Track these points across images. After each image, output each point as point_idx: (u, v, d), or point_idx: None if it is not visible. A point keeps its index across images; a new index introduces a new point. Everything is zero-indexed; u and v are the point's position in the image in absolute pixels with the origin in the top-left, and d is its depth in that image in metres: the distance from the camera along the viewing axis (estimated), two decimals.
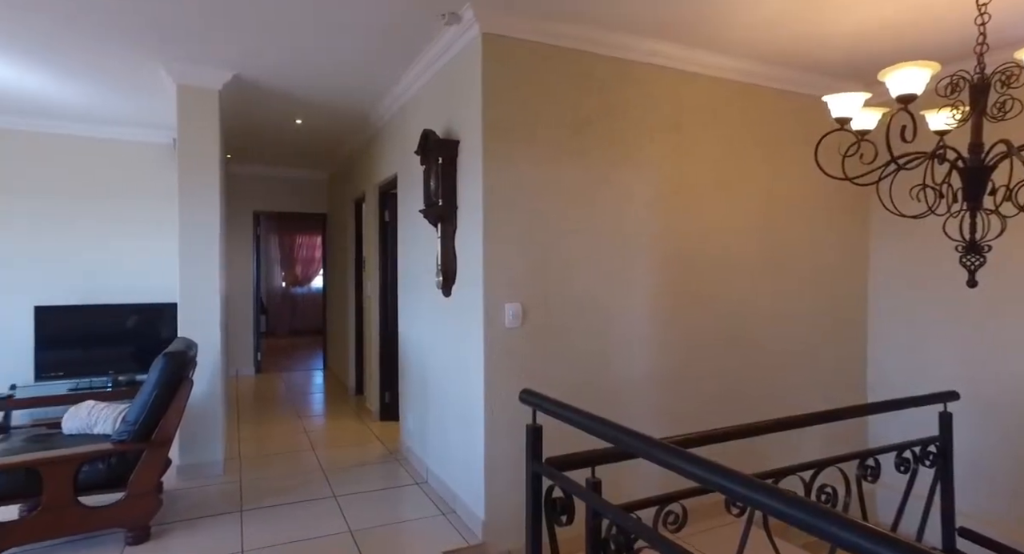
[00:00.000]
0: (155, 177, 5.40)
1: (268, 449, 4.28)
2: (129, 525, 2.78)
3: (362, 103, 4.43)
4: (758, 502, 0.92)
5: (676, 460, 1.06)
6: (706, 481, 1.00)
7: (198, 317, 3.72)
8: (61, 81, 3.93)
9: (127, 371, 4.96)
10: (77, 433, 3.07)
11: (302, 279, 11.77)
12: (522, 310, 2.84)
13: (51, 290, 5.03)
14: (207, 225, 3.74)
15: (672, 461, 1.07)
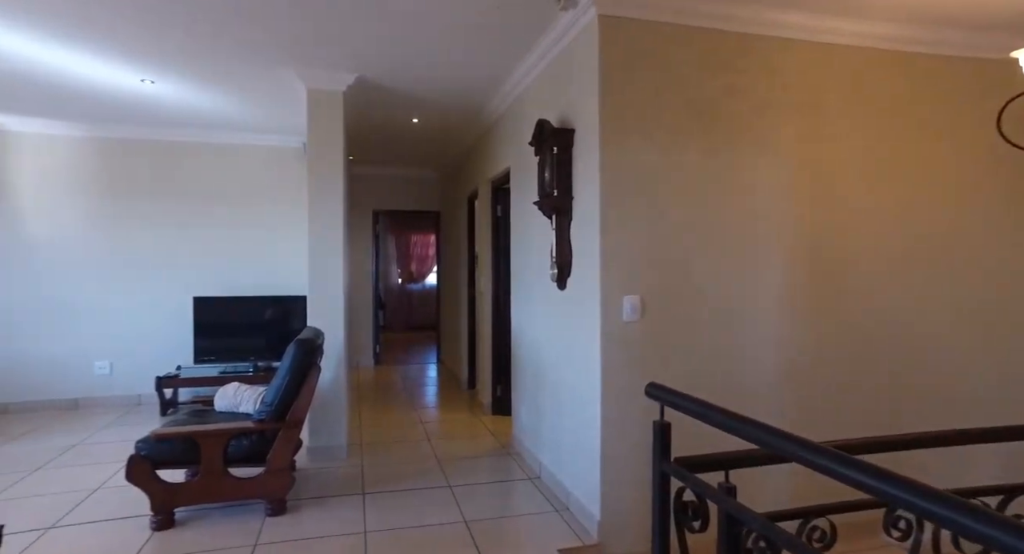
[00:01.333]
0: (288, 179, 5.85)
1: (387, 437, 4.46)
2: (268, 497, 2.99)
3: (476, 98, 4.49)
4: (977, 532, 0.75)
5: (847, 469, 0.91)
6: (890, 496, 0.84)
7: (324, 309, 3.95)
8: (212, 95, 4.36)
9: (265, 358, 5.42)
10: (226, 411, 3.37)
11: (417, 276, 12.28)
12: (641, 303, 2.71)
13: (206, 283, 5.60)
14: (332, 222, 3.96)
15: (841, 469, 0.92)
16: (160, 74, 3.92)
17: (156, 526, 2.84)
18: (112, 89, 4.24)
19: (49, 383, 5.26)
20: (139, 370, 5.43)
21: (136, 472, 2.83)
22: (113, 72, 3.87)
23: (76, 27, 3.17)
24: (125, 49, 3.49)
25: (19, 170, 5.21)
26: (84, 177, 5.36)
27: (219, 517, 2.99)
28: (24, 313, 5.21)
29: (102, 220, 5.40)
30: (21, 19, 3.07)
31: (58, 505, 3.14)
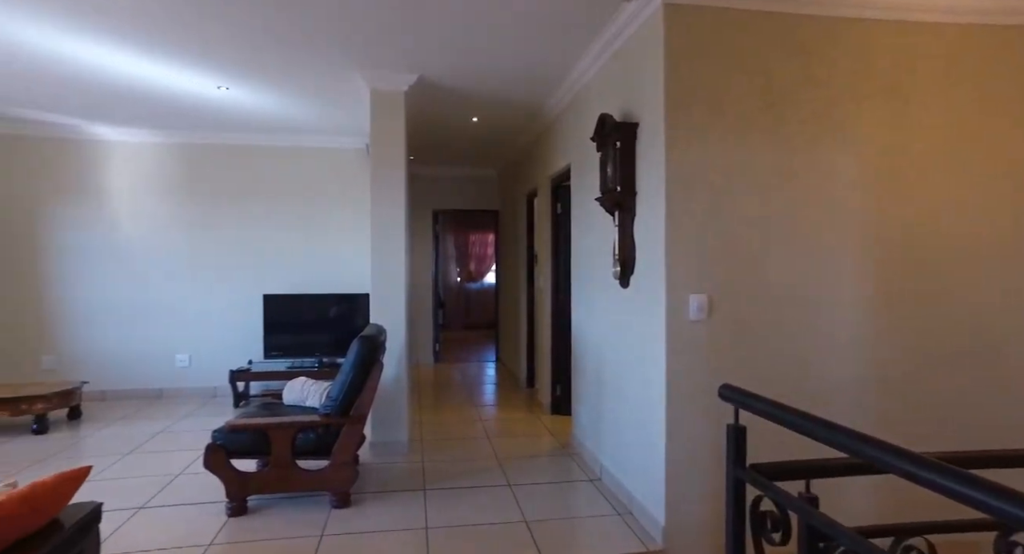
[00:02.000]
0: (352, 180, 6.00)
1: (446, 434, 4.50)
2: (333, 490, 3.07)
3: (536, 95, 4.46)
4: None
5: (961, 484, 0.82)
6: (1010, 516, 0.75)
7: (387, 307, 4.01)
8: (281, 99, 4.53)
9: (329, 354, 5.58)
10: (294, 404, 3.49)
11: (475, 275, 12.38)
12: (708, 302, 2.60)
13: (276, 281, 5.84)
14: (394, 222, 4.02)
15: (953, 485, 0.83)
16: (234, 80, 4.10)
17: (231, 512, 2.96)
18: (192, 97, 4.47)
19: (138, 374, 5.62)
20: (215, 363, 5.72)
21: (212, 460, 2.96)
22: (193, 80, 4.08)
23: (165, 41, 3.35)
24: (205, 58, 3.66)
25: (115, 176, 5.59)
26: (166, 181, 5.69)
27: (288, 507, 3.09)
28: (118, 309, 5.58)
29: (182, 222, 5.71)
30: (128, 38, 3.27)
31: (147, 487, 3.33)
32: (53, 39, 3.36)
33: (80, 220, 5.53)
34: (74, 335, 5.52)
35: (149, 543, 2.69)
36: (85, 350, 5.53)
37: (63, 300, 5.50)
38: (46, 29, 3.22)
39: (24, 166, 5.44)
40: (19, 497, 1.67)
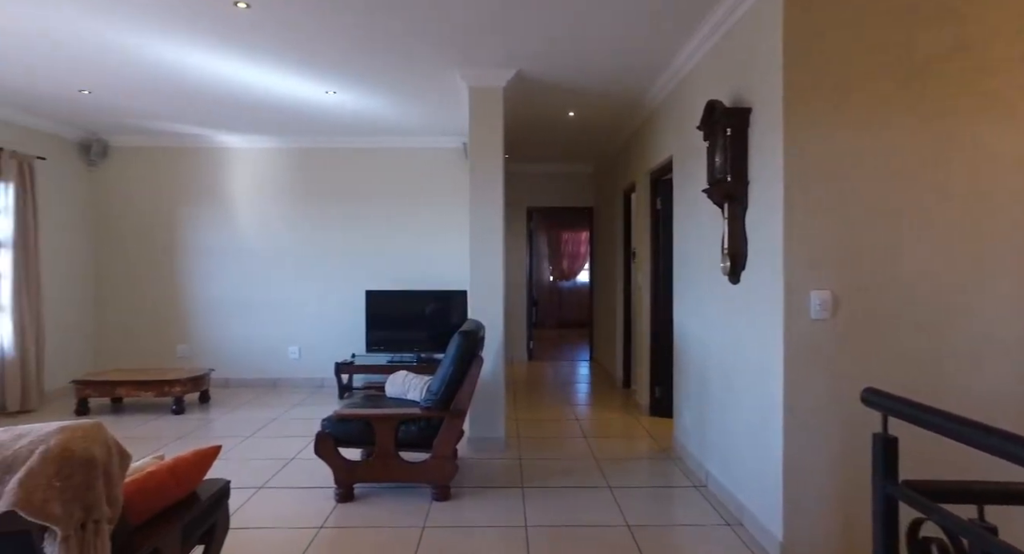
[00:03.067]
0: (449, 178, 6.13)
1: (542, 432, 4.46)
2: (434, 482, 3.12)
3: (635, 85, 4.32)
4: None
5: None
6: None
7: (484, 304, 4.04)
8: (383, 101, 4.69)
9: (427, 349, 5.73)
10: (395, 397, 3.59)
11: (568, 273, 12.29)
12: (832, 299, 2.37)
13: (378, 278, 6.08)
14: (492, 218, 4.04)
15: None
16: (341, 85, 4.29)
17: (339, 498, 3.10)
18: (303, 103, 4.75)
19: (256, 364, 6.06)
20: (322, 356, 6.05)
21: (322, 447, 3.10)
22: (305, 86, 4.32)
23: (281, 50, 3.58)
24: (315, 65, 3.86)
25: (236, 181, 6.06)
26: (279, 184, 6.09)
27: (391, 497, 3.17)
28: (239, 304, 6.06)
29: (293, 222, 6.09)
30: (251, 50, 3.53)
31: (265, 469, 3.57)
32: (184, 56, 3.67)
33: (208, 222, 6.05)
34: (203, 327, 6.04)
35: (269, 521, 2.86)
36: (212, 340, 6.04)
37: (195, 295, 6.04)
38: (178, 47, 3.53)
39: (163, 174, 6.03)
40: (167, 469, 1.82)
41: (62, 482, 1.37)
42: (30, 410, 4.97)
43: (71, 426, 1.46)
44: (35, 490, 1.33)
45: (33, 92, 4.48)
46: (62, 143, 5.64)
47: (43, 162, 5.27)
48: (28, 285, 5.00)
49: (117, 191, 6.03)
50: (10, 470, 1.35)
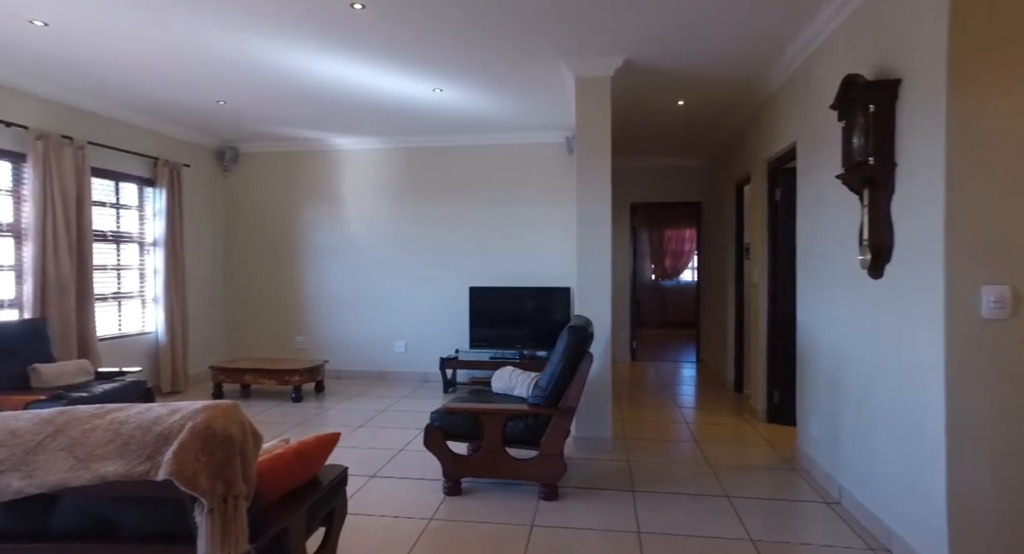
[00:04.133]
0: (551, 174, 6.07)
1: (650, 434, 4.28)
2: (542, 481, 3.07)
3: (752, 68, 4.02)
4: None
5: None
6: None
7: (591, 301, 3.93)
8: (487, 97, 4.72)
9: (529, 346, 5.70)
10: (502, 392, 3.57)
11: (671, 272, 11.85)
12: (1011, 295, 2.03)
13: (481, 274, 6.15)
14: (600, 213, 3.92)
15: None
16: (448, 82, 4.36)
17: (447, 491, 3.12)
18: (409, 101, 4.88)
19: (365, 357, 6.34)
20: (426, 351, 6.21)
21: (431, 440, 3.14)
22: (413, 86, 4.44)
23: (391, 49, 3.69)
24: (424, 63, 3.95)
25: (348, 181, 6.38)
26: (386, 183, 6.32)
27: (498, 493, 3.16)
28: (350, 298, 6.37)
29: (400, 220, 6.30)
30: (372, 52, 3.68)
31: (376, 458, 3.69)
32: (307, 62, 3.88)
33: (324, 221, 6.41)
34: (319, 320, 6.41)
35: (381, 508, 2.93)
36: (327, 333, 6.40)
37: (312, 290, 6.43)
38: (301, 54, 3.73)
39: (285, 176, 6.47)
40: (293, 452, 1.89)
41: (207, 457, 1.44)
42: (178, 391, 5.50)
43: (212, 405, 1.54)
44: (186, 462, 1.41)
45: (179, 105, 4.94)
46: (202, 151, 6.20)
47: (187, 169, 5.82)
48: (176, 280, 5.54)
49: (245, 194, 6.54)
50: (167, 442, 1.45)
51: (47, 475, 1.44)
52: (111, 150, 4.99)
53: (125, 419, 1.51)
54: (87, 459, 1.45)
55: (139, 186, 5.47)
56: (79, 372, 3.96)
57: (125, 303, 5.31)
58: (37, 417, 1.54)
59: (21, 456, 1.47)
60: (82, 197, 4.59)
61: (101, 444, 1.47)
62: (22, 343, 3.89)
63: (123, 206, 5.32)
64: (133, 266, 5.41)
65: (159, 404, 1.58)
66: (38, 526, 1.57)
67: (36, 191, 4.24)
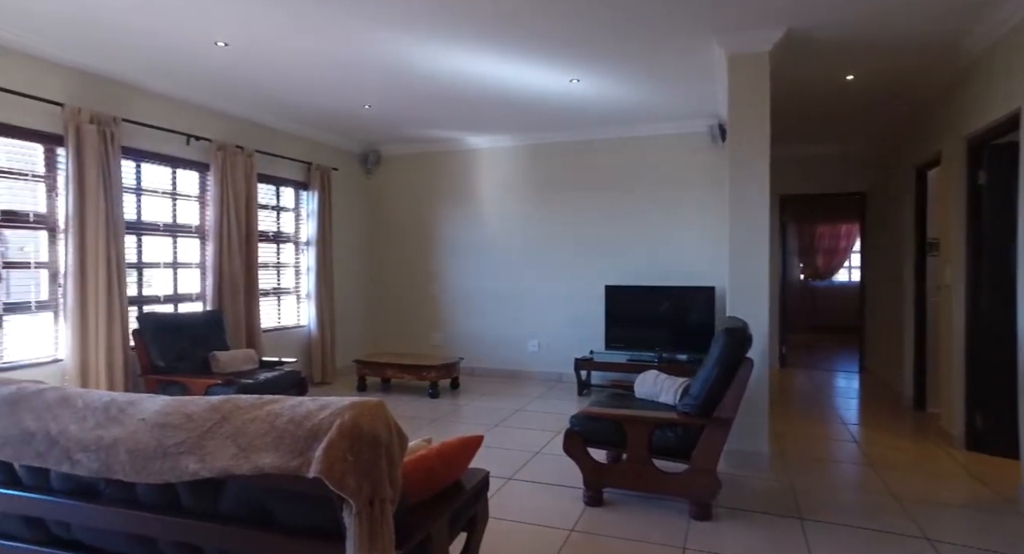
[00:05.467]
0: (691, 167, 5.65)
1: (812, 452, 3.77)
2: (693, 498, 2.78)
3: (949, 27, 3.38)
4: None
5: None
6: None
7: (745, 302, 3.54)
8: (626, 84, 4.46)
9: (669, 348, 5.35)
10: (645, 398, 3.32)
11: (823, 271, 10.69)
12: None
13: (617, 272, 5.90)
14: (756, 206, 3.52)
15: None
16: (585, 71, 4.17)
17: (587, 501, 2.94)
18: (545, 94, 4.76)
19: (498, 355, 6.36)
20: (560, 351, 6.07)
21: (571, 445, 2.98)
22: (549, 77, 4.31)
23: (528, 41, 3.58)
24: (560, 53, 3.80)
25: (482, 180, 6.44)
26: (519, 181, 6.28)
27: (643, 507, 2.92)
28: (484, 296, 6.43)
29: (533, 217, 6.23)
30: (508, 44, 3.63)
31: (513, 460, 3.61)
32: (444, 60, 3.90)
33: (459, 220, 6.52)
34: (454, 317, 6.54)
35: (520, 514, 2.82)
36: (462, 331, 6.51)
37: (448, 287, 6.58)
38: (439, 53, 3.75)
39: (423, 177, 6.68)
40: (436, 454, 1.82)
41: (354, 457, 1.39)
42: (328, 382, 5.89)
43: (359, 402, 1.50)
44: (335, 461, 1.37)
45: (330, 111, 5.26)
46: (348, 155, 6.59)
47: (335, 172, 6.21)
48: (325, 277, 5.93)
49: (386, 195, 6.86)
50: (316, 438, 1.42)
51: (216, 461, 1.48)
52: (273, 157, 5.44)
53: (279, 412, 1.51)
54: (248, 449, 1.46)
55: (295, 189, 5.92)
56: (247, 360, 4.32)
57: (283, 298, 5.77)
58: (208, 404, 1.59)
59: (196, 440, 1.52)
60: (250, 201, 5.04)
61: (259, 435, 1.47)
62: (205, 331, 4.33)
63: (282, 208, 5.78)
64: (290, 264, 5.87)
65: (310, 399, 1.57)
66: (210, 506, 1.62)
67: (215, 196, 4.72)
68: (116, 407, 1.68)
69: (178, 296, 4.69)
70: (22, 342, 3.70)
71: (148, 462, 1.54)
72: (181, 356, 4.06)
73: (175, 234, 4.65)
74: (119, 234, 3.96)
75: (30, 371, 3.64)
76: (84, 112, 3.77)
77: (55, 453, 1.67)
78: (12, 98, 3.49)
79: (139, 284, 4.39)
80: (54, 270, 3.80)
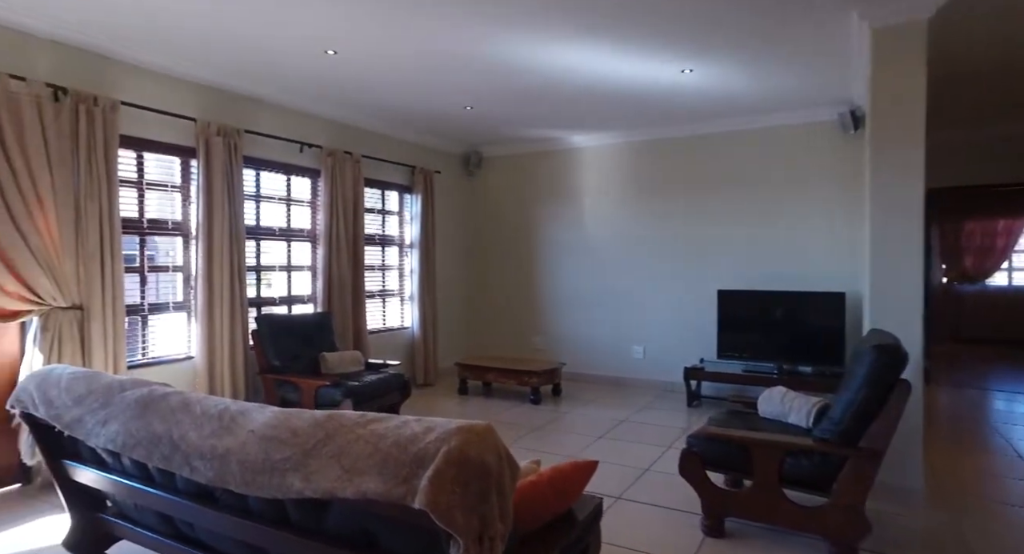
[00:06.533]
0: (815, 159, 5.10)
1: (981, 489, 3.21)
2: (834, 538, 2.42)
3: None
4: None
5: None
6: None
7: (891, 311, 3.08)
8: (745, 71, 4.06)
9: (791, 360, 4.85)
10: (772, 418, 2.98)
11: (973, 274, 9.39)
12: None
13: (730, 276, 5.46)
14: (907, 201, 3.05)
15: None
16: (698, 59, 3.85)
17: (706, 530, 2.66)
18: (652, 87, 4.47)
19: (600, 361, 6.12)
20: (666, 358, 5.73)
21: (688, 467, 2.71)
22: (659, 69, 4.03)
23: (635, 29, 3.34)
24: (672, 42, 3.52)
25: (583, 179, 6.24)
26: (623, 179, 5.99)
27: (772, 542, 2.59)
28: (585, 299, 6.21)
29: (638, 217, 5.92)
30: (615, 34, 3.43)
31: (621, 477, 3.38)
32: (545, 56, 3.75)
33: (560, 220, 6.35)
34: (555, 320, 6.38)
35: (632, 541, 2.61)
36: (563, 334, 6.33)
37: (549, 289, 6.43)
38: (541, 48, 3.60)
39: (523, 178, 6.59)
40: (547, 481, 1.65)
41: (461, 488, 1.26)
42: (430, 384, 5.94)
43: (467, 427, 1.37)
44: (440, 492, 1.25)
45: (432, 114, 5.30)
46: (450, 157, 6.64)
47: (438, 175, 6.27)
48: (428, 279, 6.00)
49: (487, 196, 6.83)
50: (422, 465, 1.31)
51: (320, 481, 1.41)
52: (378, 161, 5.56)
53: (384, 433, 1.42)
54: (351, 471, 1.38)
55: (399, 193, 6.03)
56: (353, 362, 4.42)
57: (388, 300, 5.89)
58: (312, 419, 1.54)
59: (301, 457, 1.46)
60: (357, 205, 5.18)
61: (363, 457, 1.39)
62: (315, 332, 4.48)
63: (387, 211, 5.91)
64: (394, 266, 5.98)
65: (414, 418, 1.47)
66: (316, 523, 1.57)
67: (326, 201, 4.88)
68: (228, 416, 1.68)
69: (291, 298, 4.90)
70: (163, 339, 4.00)
71: (257, 476, 1.51)
72: (294, 356, 4.22)
73: (289, 238, 4.86)
74: (240, 239, 4.18)
75: (170, 367, 3.92)
76: (213, 125, 4.01)
77: (177, 458, 1.69)
78: (157, 116, 3.78)
79: (257, 286, 4.63)
80: (187, 273, 4.07)
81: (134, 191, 3.76)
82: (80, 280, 3.32)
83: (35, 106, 3.12)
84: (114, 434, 1.86)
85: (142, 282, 3.82)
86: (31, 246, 3.09)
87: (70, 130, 3.29)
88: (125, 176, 3.67)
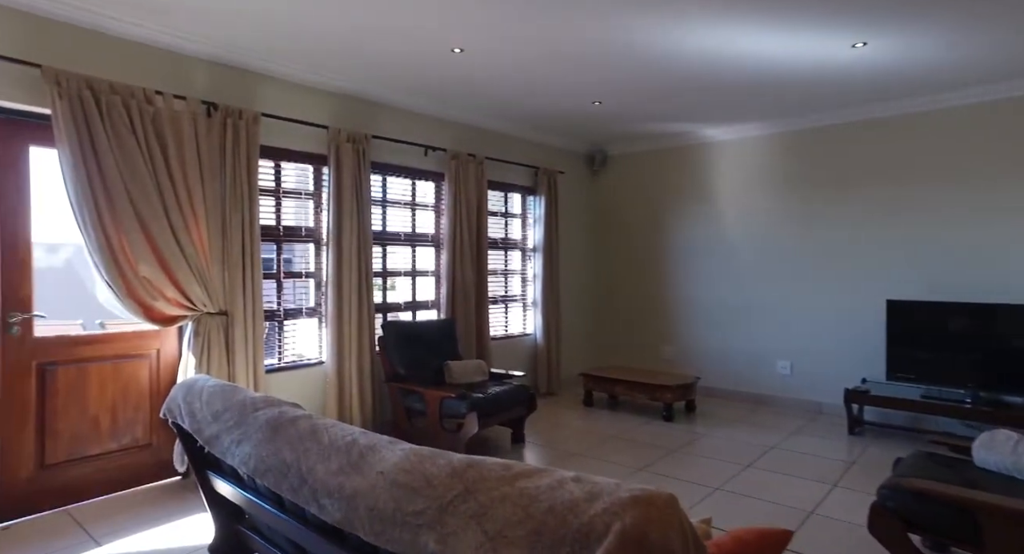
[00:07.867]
0: (1007, 142, 4.19)
1: None
2: None
3: None
4: None
5: None
6: None
7: None
8: (927, 40, 3.37)
9: (989, 387, 4.02)
10: (992, 469, 2.36)
11: None
12: None
13: (903, 283, 4.67)
14: None
15: None
16: (875, 31, 3.24)
17: None
18: (810, 69, 3.88)
19: (739, 375, 5.52)
20: (819, 376, 5.03)
21: (884, 528, 2.20)
22: (821, 44, 3.46)
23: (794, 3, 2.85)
24: (842, 8, 2.97)
25: (720, 176, 5.67)
26: (768, 175, 5.35)
27: None
28: (722, 307, 5.65)
29: (786, 217, 5.26)
30: (764, 12, 2.97)
31: (782, 520, 2.90)
32: (680, 42, 3.33)
33: (692, 221, 5.84)
34: (687, 329, 5.87)
35: None
36: (695, 345, 5.81)
37: (679, 296, 5.93)
38: (674, 32, 3.19)
39: (650, 177, 6.14)
40: None
41: None
42: (553, 393, 5.70)
43: (644, 498, 1.06)
44: None
45: (557, 113, 5.04)
46: (573, 157, 6.35)
47: (561, 176, 6.01)
48: (552, 284, 5.76)
49: (612, 197, 6.45)
50: (587, 546, 1.03)
51: (458, 546, 1.18)
52: (501, 163, 5.40)
53: (535, 494, 1.16)
54: (496, 539, 1.13)
55: (522, 195, 5.84)
56: (477, 371, 4.27)
57: (511, 306, 5.73)
58: (449, 467, 1.32)
59: (435, 513, 1.25)
60: (481, 208, 5.05)
61: (511, 523, 1.13)
62: (439, 339, 4.40)
63: (510, 214, 5.74)
64: (516, 271, 5.81)
65: (572, 478, 1.19)
66: None
67: (450, 205, 4.80)
68: (357, 451, 1.51)
69: (416, 303, 4.87)
70: (298, 344, 4.11)
71: (387, 527, 1.32)
72: (419, 364, 4.15)
73: (414, 243, 4.83)
74: (367, 244, 4.19)
75: (302, 371, 4.02)
76: (343, 132, 4.04)
77: (305, 492, 1.56)
78: (293, 126, 3.88)
79: (384, 292, 4.65)
80: (318, 279, 4.15)
81: (272, 199, 3.87)
82: (225, 287, 3.45)
83: (192, 123, 3.28)
84: (246, 456, 1.79)
85: (279, 288, 3.93)
86: (186, 255, 3.24)
87: (219, 143, 3.42)
88: (264, 185, 3.78)
